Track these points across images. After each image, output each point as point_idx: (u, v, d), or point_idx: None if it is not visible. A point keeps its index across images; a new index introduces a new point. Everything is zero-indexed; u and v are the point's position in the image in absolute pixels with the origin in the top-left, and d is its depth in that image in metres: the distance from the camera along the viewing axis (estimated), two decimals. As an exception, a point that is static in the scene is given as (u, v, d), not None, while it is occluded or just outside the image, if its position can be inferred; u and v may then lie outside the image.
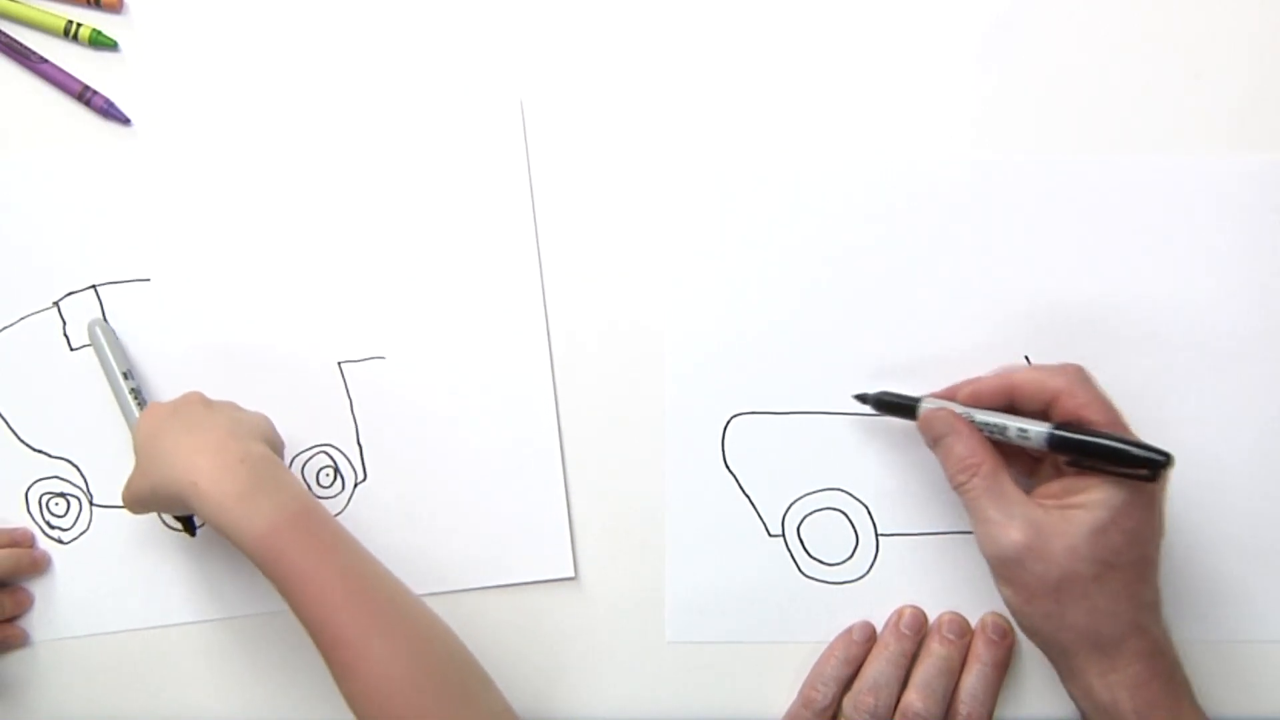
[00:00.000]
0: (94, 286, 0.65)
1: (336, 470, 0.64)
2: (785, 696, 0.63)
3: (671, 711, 0.62)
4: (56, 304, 0.65)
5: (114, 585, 0.64)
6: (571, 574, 0.64)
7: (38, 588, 0.64)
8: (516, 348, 0.64)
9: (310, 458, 0.64)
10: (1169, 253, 0.63)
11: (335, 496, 0.64)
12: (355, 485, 0.64)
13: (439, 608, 0.62)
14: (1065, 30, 0.64)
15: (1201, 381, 0.63)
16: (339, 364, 0.64)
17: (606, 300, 0.64)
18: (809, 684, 0.62)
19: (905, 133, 0.64)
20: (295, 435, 0.64)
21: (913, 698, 0.60)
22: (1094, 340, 0.63)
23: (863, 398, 0.62)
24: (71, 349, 0.65)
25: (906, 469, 0.63)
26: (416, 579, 0.62)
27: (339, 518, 0.64)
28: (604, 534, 0.64)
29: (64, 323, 0.65)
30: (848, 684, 0.62)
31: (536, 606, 0.64)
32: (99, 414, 0.64)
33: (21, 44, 0.66)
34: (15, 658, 0.64)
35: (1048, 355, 0.62)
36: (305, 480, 0.64)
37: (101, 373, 0.64)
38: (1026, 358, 0.63)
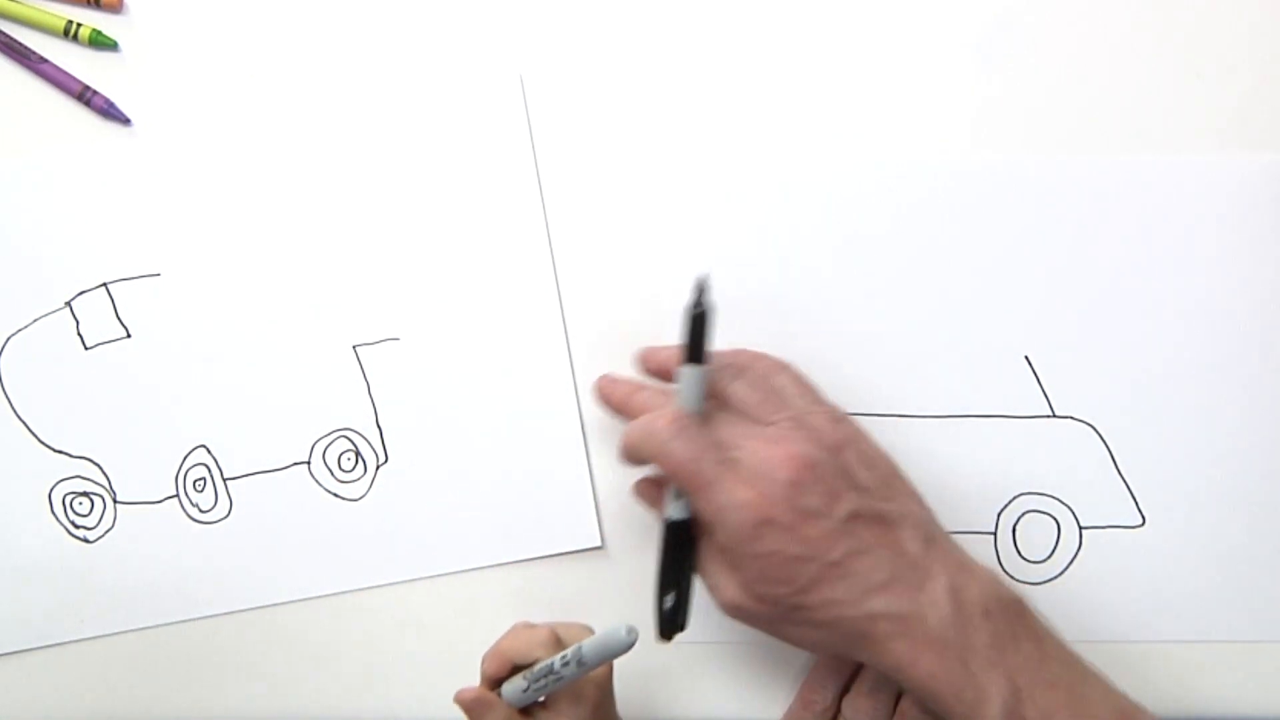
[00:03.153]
0: (105, 285, 0.65)
1: (358, 453, 0.64)
2: (785, 696, 0.64)
3: (672, 711, 0.62)
4: (69, 304, 0.65)
5: (143, 581, 0.65)
6: (598, 543, 0.64)
7: (66, 589, 0.65)
8: (530, 320, 0.65)
9: (331, 442, 0.64)
10: (1169, 253, 0.64)
11: (358, 480, 0.64)
12: (377, 468, 0.64)
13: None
14: (1065, 30, 0.65)
15: (1203, 381, 0.63)
16: (354, 347, 0.65)
17: (612, 290, 0.65)
18: (808, 686, 0.62)
19: (907, 132, 0.65)
20: (315, 421, 0.65)
21: (910, 703, 0.60)
22: (1093, 340, 0.63)
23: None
24: (86, 348, 0.65)
25: (907, 469, 0.62)
26: (443, 558, 0.64)
27: (362, 501, 0.64)
28: (604, 533, 0.65)
29: (77, 322, 0.65)
30: (847, 686, 0.62)
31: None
32: (117, 411, 0.65)
33: (21, 44, 0.65)
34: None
35: (1047, 355, 0.63)
36: (327, 466, 0.64)
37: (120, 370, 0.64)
38: (1027, 358, 0.63)
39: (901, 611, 0.52)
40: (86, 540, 0.65)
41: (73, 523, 0.65)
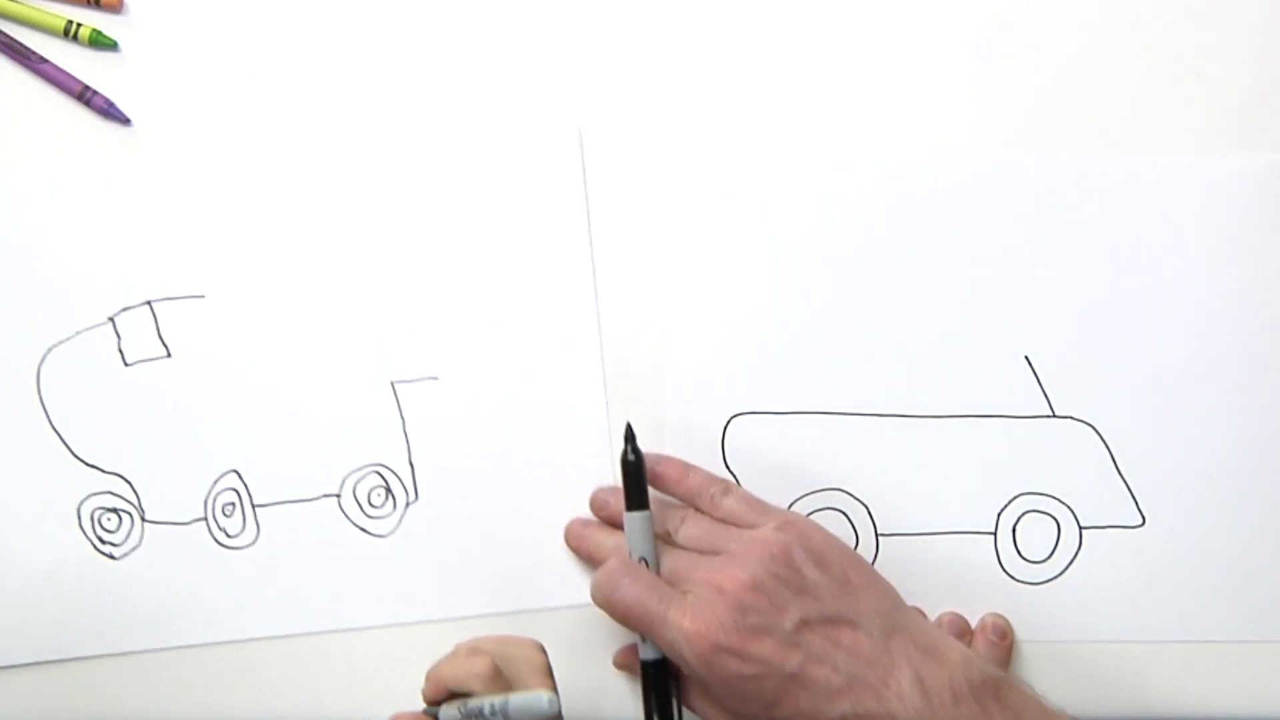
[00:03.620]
0: (149, 302, 0.65)
1: (388, 490, 0.65)
2: None
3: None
4: (112, 319, 0.65)
5: (166, 601, 0.65)
6: (621, 598, 0.64)
7: (88, 603, 0.64)
8: (570, 371, 0.66)
9: (362, 477, 0.65)
10: (1169, 253, 0.64)
11: (386, 516, 0.64)
12: (407, 505, 0.65)
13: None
14: (1065, 31, 0.65)
15: (1203, 380, 0.64)
16: (392, 384, 0.65)
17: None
18: None
19: (907, 133, 0.65)
20: (347, 454, 0.65)
21: None
22: (1093, 340, 0.64)
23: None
24: (126, 365, 0.65)
25: (907, 469, 0.64)
26: (467, 600, 0.64)
27: (390, 538, 0.64)
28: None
29: (119, 338, 0.65)
30: None
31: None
32: (151, 430, 0.65)
33: (21, 44, 0.66)
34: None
35: (1047, 355, 0.64)
36: (357, 500, 0.64)
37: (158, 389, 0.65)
38: (1027, 358, 0.64)
39: (869, 711, 0.54)
40: (112, 557, 0.65)
41: (99, 538, 0.65)
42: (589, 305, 0.65)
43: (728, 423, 0.65)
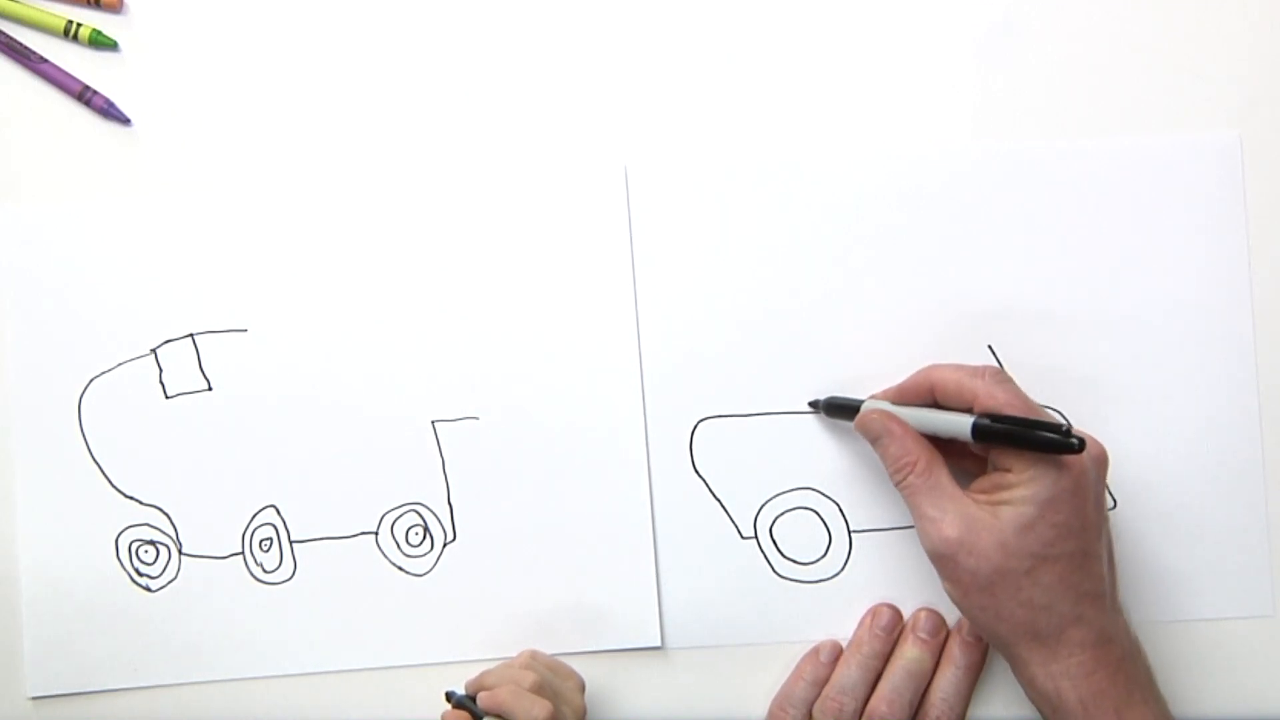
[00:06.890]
0: (191, 335, 0.65)
1: (426, 529, 0.64)
2: (765, 697, 0.64)
3: (661, 713, 0.63)
4: (154, 351, 0.65)
5: (201, 635, 0.64)
6: (658, 643, 0.64)
7: (123, 635, 0.64)
8: (612, 415, 0.65)
9: (400, 515, 0.64)
10: (1126, 238, 0.64)
11: (424, 555, 0.64)
12: (444, 545, 0.64)
13: None
14: (1063, 30, 0.65)
15: (1168, 365, 0.64)
16: (433, 423, 0.64)
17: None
18: (778, 704, 0.63)
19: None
20: (386, 492, 0.65)
21: (879, 704, 0.61)
22: (1054, 329, 0.64)
23: (814, 404, 0.64)
24: (167, 397, 0.65)
25: (875, 464, 0.63)
26: (501, 642, 0.64)
27: (426, 578, 0.64)
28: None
29: (160, 370, 0.65)
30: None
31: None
32: (191, 463, 0.65)
33: (21, 44, 0.66)
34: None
35: (1010, 343, 0.64)
36: (394, 538, 0.64)
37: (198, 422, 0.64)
38: (990, 347, 0.64)
39: None
40: (148, 589, 0.64)
41: (136, 570, 0.64)
42: (631, 348, 0.65)
43: (695, 428, 0.65)
